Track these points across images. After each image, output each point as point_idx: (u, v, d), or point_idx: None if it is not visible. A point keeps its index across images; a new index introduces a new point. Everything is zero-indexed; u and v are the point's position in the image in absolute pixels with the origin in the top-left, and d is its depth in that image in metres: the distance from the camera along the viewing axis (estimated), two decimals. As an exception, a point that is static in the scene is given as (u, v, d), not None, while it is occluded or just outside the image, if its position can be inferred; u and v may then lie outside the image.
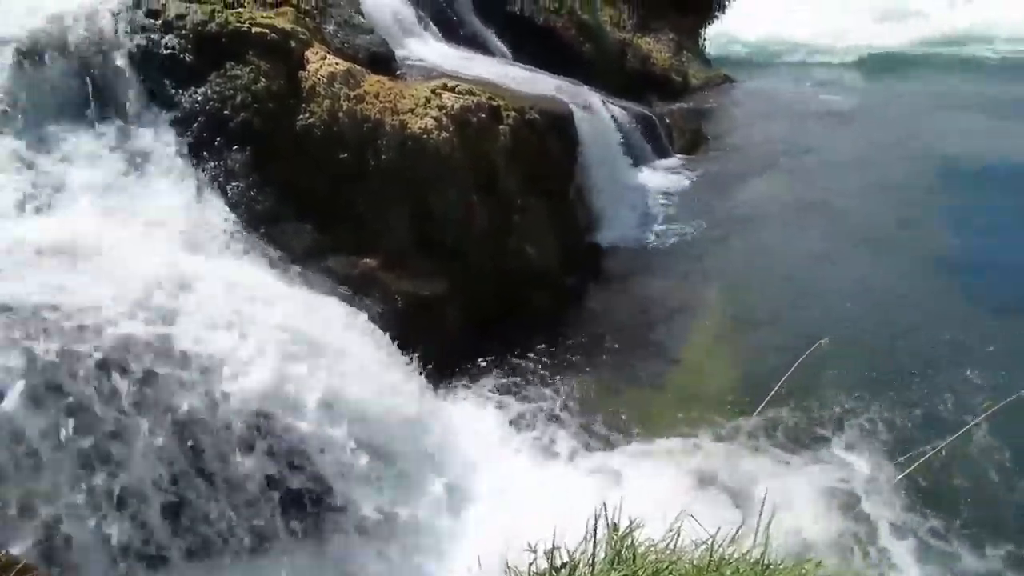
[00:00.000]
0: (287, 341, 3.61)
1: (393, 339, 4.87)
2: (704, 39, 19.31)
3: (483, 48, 10.21)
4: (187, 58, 5.08)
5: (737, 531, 1.75)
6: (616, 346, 5.96)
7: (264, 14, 5.66)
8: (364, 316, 4.69)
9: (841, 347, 5.40)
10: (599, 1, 14.49)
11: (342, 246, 5.40)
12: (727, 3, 19.13)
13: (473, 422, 5.07)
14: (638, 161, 9.63)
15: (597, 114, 8.79)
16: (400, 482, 3.78)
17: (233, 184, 5.03)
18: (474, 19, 10.80)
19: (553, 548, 1.66)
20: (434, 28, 9.19)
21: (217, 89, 5.13)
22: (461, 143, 6.30)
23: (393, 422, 3.99)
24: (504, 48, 10.99)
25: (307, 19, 6.10)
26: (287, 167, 5.30)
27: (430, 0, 9.75)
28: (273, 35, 5.49)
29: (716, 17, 19.63)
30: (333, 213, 5.44)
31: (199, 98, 5.07)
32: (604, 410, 5.16)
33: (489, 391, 5.41)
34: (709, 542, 1.72)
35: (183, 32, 5.12)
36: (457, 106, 6.38)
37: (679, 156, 10.77)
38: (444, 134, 6.15)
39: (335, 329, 4.12)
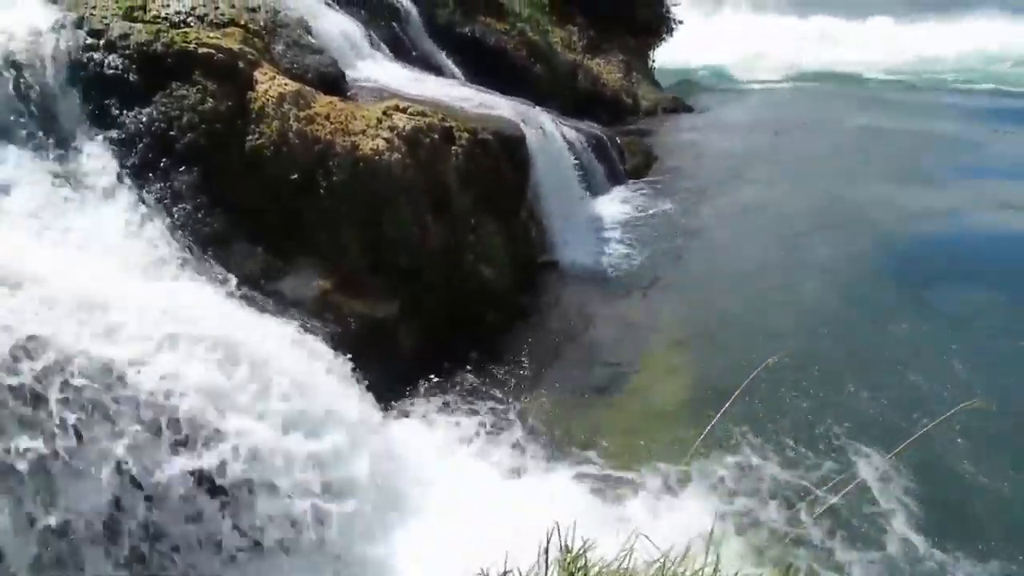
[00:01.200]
0: (225, 363, 3.53)
1: (346, 360, 4.81)
2: (653, 61, 19.71)
3: (435, 69, 10.24)
4: (131, 78, 4.99)
5: (688, 549, 1.76)
6: (569, 364, 5.98)
7: (211, 34, 5.60)
8: (314, 338, 4.60)
9: (791, 365, 5.47)
10: (549, 23, 14.65)
11: (294, 268, 5.34)
12: (675, 26, 19.59)
13: (424, 441, 5.02)
14: (590, 181, 9.71)
15: (549, 135, 8.86)
16: (345, 505, 3.72)
17: (179, 206, 4.94)
18: (426, 40, 10.84)
19: (505, 572, 1.65)
20: (385, 49, 9.18)
21: (163, 110, 5.05)
22: (413, 164, 6.29)
23: (339, 443, 3.91)
24: (456, 69, 11.04)
25: (256, 39, 6.06)
26: (236, 188, 5.23)
27: (381, 21, 9.77)
28: (220, 55, 5.42)
29: (664, 39, 20.06)
30: (284, 235, 5.38)
31: (144, 119, 4.98)
32: (557, 429, 5.16)
33: (441, 410, 5.37)
34: (661, 560, 1.72)
35: (127, 52, 5.03)
36: (409, 127, 6.38)
37: (631, 176, 10.92)
38: (396, 155, 6.13)
39: (281, 351, 4.04)
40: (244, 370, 3.52)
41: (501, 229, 7.13)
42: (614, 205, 9.59)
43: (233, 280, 4.91)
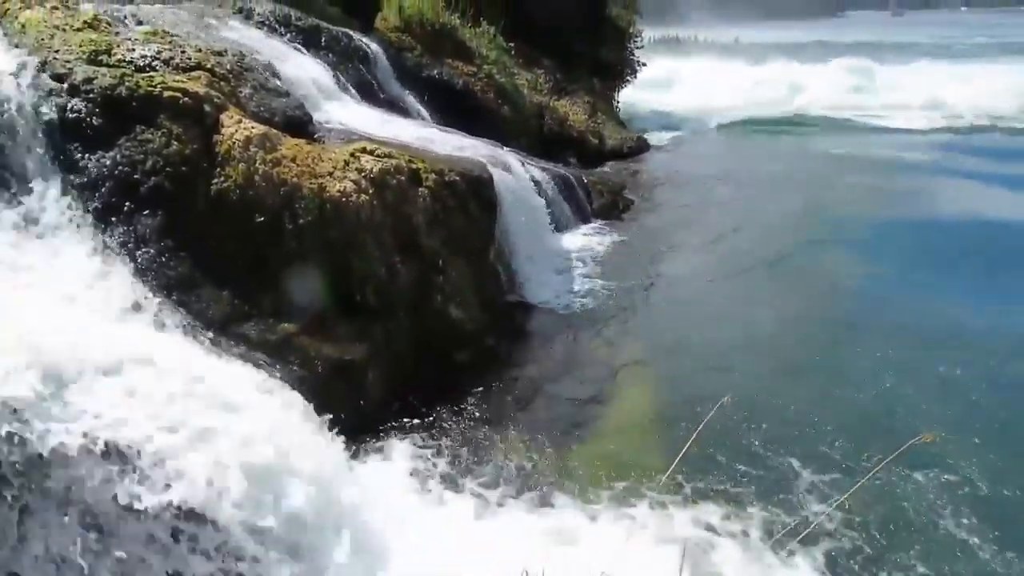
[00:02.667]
0: (190, 410, 3.46)
1: (313, 404, 4.75)
2: (618, 102, 20.08)
3: (403, 111, 10.33)
4: (94, 122, 4.96)
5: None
6: (537, 403, 5.96)
7: (177, 78, 5.60)
8: (278, 382, 4.54)
9: (749, 402, 5.59)
10: (516, 66, 14.88)
11: (260, 311, 5.28)
12: (639, 68, 20.02)
13: (394, 483, 4.95)
14: (558, 221, 9.81)
15: (516, 175, 8.94)
16: (307, 549, 3.64)
17: (143, 250, 4.88)
18: (394, 83, 10.94)
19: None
20: (353, 91, 9.25)
21: (127, 153, 5.01)
22: (381, 205, 6.30)
23: (303, 487, 3.83)
24: (424, 111, 11.14)
25: (222, 83, 6.06)
26: (201, 232, 5.19)
27: (350, 64, 9.86)
28: (186, 99, 5.42)
29: (629, 81, 20.49)
30: (250, 278, 5.33)
31: (107, 163, 4.94)
32: (527, 468, 5.12)
33: (412, 451, 5.30)
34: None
35: (91, 96, 5.01)
36: (376, 169, 6.40)
37: (598, 215, 11.03)
38: (363, 196, 6.14)
39: (246, 396, 3.98)
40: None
41: (469, 269, 7.15)
42: (581, 244, 9.64)
43: (201, 325, 4.86)
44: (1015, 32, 57.94)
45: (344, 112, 8.21)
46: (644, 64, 20.44)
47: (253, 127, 5.73)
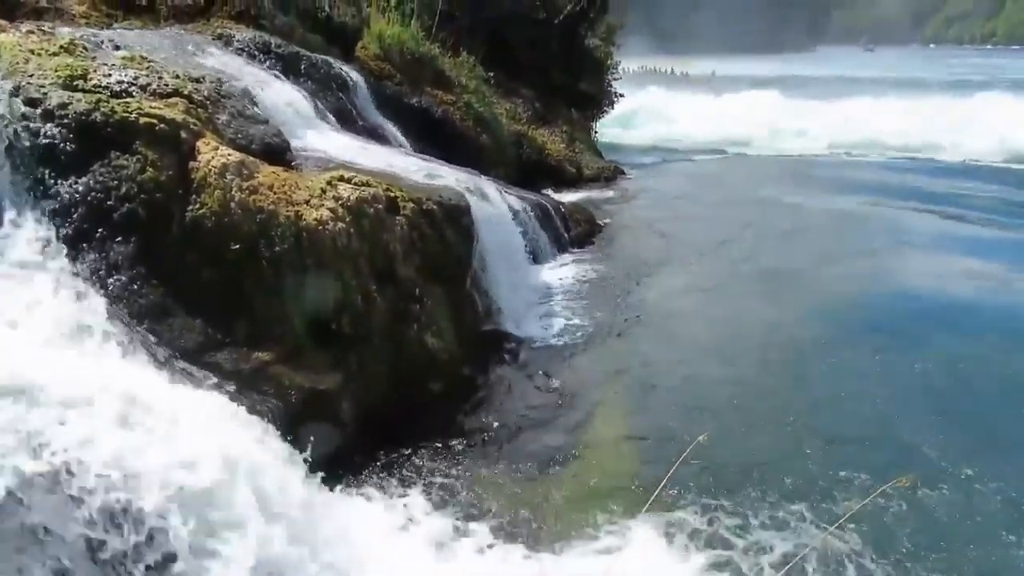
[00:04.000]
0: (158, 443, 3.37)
1: (286, 435, 4.66)
2: (596, 131, 20.30)
3: (382, 139, 10.32)
4: (68, 147, 4.88)
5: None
6: (512, 436, 5.89)
7: (154, 104, 5.54)
8: (247, 412, 4.45)
9: (728, 439, 5.56)
10: (495, 95, 14.97)
11: (234, 340, 5.19)
12: (616, 99, 20.28)
13: (367, 518, 4.85)
14: (536, 249, 9.82)
15: (494, 203, 8.95)
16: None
17: (115, 277, 4.79)
18: (373, 111, 10.94)
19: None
20: (332, 119, 9.23)
21: (100, 179, 4.93)
22: (358, 234, 6.25)
23: (273, 524, 3.74)
24: (403, 139, 11.13)
25: (199, 110, 6.01)
26: (175, 259, 5.11)
27: (329, 92, 9.85)
28: (163, 125, 5.36)
29: (607, 111, 20.75)
30: (224, 306, 5.25)
31: (80, 188, 4.85)
32: (501, 503, 5.04)
33: (385, 484, 5.22)
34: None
35: (65, 121, 4.93)
36: (353, 197, 6.36)
37: (575, 243, 11.08)
38: (340, 225, 6.09)
39: (215, 427, 3.89)
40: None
41: (446, 298, 7.10)
42: (559, 273, 9.65)
43: (173, 354, 4.76)
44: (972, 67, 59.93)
45: (323, 140, 8.17)
46: (622, 95, 20.72)
47: (230, 154, 5.68)
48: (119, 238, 4.89)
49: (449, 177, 8.72)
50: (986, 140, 22.72)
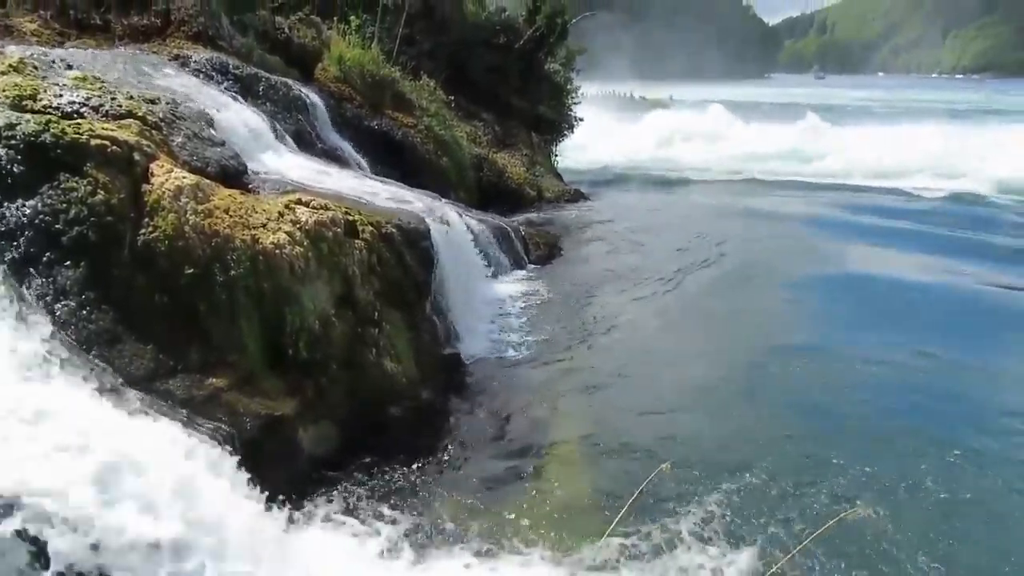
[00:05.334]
0: (107, 478, 3.26)
1: (241, 464, 4.56)
2: (556, 155, 20.47)
3: (341, 161, 10.28)
4: (15, 169, 4.75)
5: None
6: (472, 460, 5.85)
7: (106, 126, 5.43)
8: (203, 442, 4.34)
9: (684, 469, 5.48)
10: (456, 118, 15.01)
11: (187, 367, 5.07)
12: (575, 124, 20.49)
13: (326, 546, 4.75)
14: (496, 272, 9.84)
15: (454, 226, 8.94)
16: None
17: (63, 303, 4.65)
18: (333, 133, 10.91)
19: None
20: (290, 141, 9.17)
21: (49, 202, 4.80)
22: (315, 258, 6.19)
23: (233, 552, 3.64)
24: (363, 161, 11.12)
25: (153, 132, 5.91)
26: (126, 284, 4.98)
27: (288, 114, 9.79)
28: (115, 147, 5.25)
29: (566, 135, 20.95)
30: (177, 332, 5.12)
31: (27, 211, 4.71)
32: (460, 528, 4.98)
33: (344, 511, 5.12)
34: None
35: (12, 143, 4.80)
36: (311, 220, 6.30)
37: (536, 267, 11.12)
38: (298, 248, 6.02)
39: (168, 458, 3.78)
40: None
41: (405, 322, 7.06)
42: (519, 294, 9.66)
43: (123, 381, 4.63)
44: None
45: (281, 162, 8.10)
46: (581, 119, 20.94)
47: (184, 177, 5.59)
48: (68, 262, 4.76)
49: (409, 200, 8.71)
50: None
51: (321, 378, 5.94)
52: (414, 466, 5.73)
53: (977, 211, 18.70)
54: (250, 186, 6.79)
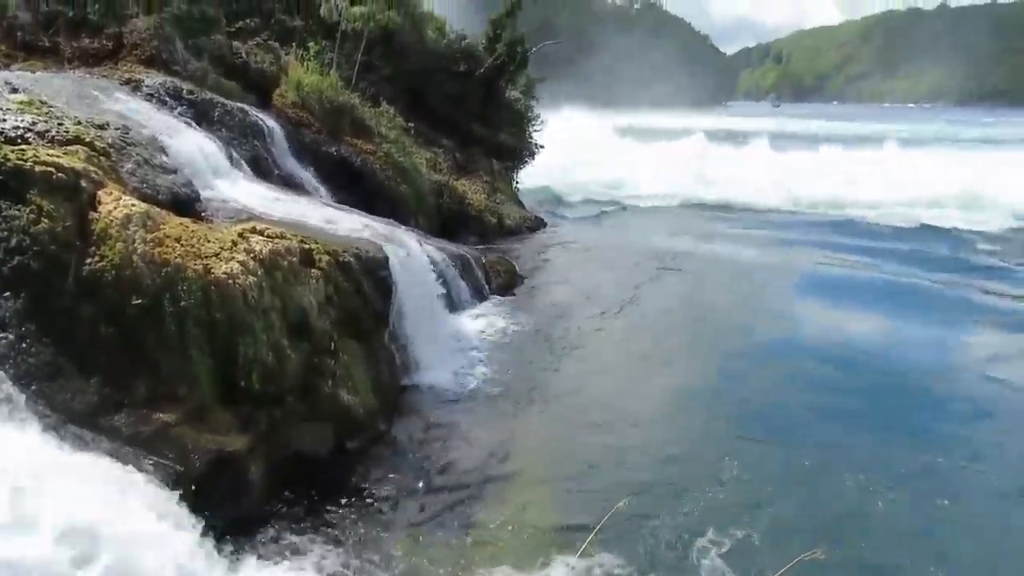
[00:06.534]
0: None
1: (187, 501, 4.43)
2: (517, 182, 20.54)
3: (299, 188, 10.20)
4: (-46, 197, 4.61)
5: None
6: (431, 496, 5.75)
7: (51, 152, 5.31)
8: (150, 480, 4.21)
9: (646, 505, 5.51)
10: (415, 145, 15.00)
11: (133, 401, 4.92)
12: (536, 151, 20.62)
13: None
14: (456, 302, 9.77)
15: (413, 255, 8.87)
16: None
17: (1, 336, 4.49)
18: (290, 159, 10.81)
19: None
20: (246, 168, 9.07)
21: (-12, 231, 4.66)
22: (270, 287, 6.08)
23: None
24: (321, 188, 11.04)
25: (102, 158, 5.80)
26: (70, 316, 4.84)
27: (244, 140, 9.68)
28: (60, 174, 5.12)
29: (527, 162, 21.05)
30: (124, 365, 4.98)
31: (-35, 241, 4.57)
32: (416, 568, 4.88)
33: (296, 551, 4.99)
34: None
35: (-49, 170, 4.66)
36: (266, 250, 6.21)
37: (497, 296, 11.08)
38: (252, 278, 5.91)
39: (109, 500, 3.65)
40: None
41: (362, 353, 6.97)
42: (479, 325, 9.63)
43: (65, 418, 4.47)
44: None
45: (236, 190, 8.00)
46: (542, 147, 21.09)
47: (134, 205, 5.47)
48: (7, 293, 4.61)
49: (368, 228, 8.65)
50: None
51: (275, 411, 5.82)
52: (367, 502, 5.63)
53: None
54: (203, 214, 6.68)
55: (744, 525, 5.49)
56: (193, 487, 4.71)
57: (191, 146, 7.83)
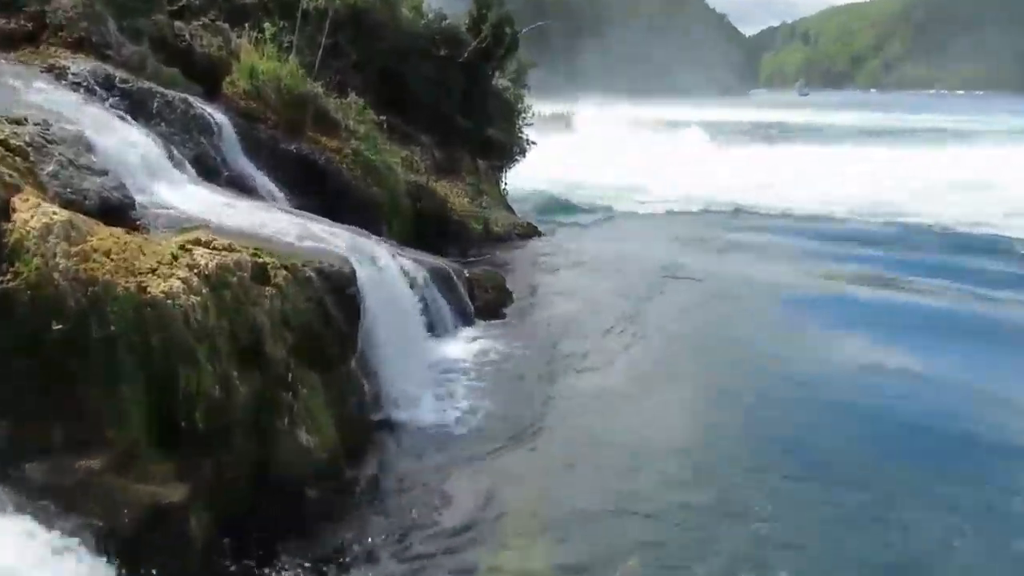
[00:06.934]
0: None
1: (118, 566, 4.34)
2: (505, 183, 20.56)
3: (252, 192, 10.15)
4: None
5: None
6: (402, 554, 5.66)
7: (-45, 185, 5.23)
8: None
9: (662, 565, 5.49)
10: (389, 141, 14.97)
11: (52, 446, 4.82)
12: (528, 147, 20.65)
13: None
14: (435, 323, 9.72)
15: (385, 269, 8.83)
16: None
17: None
18: (241, 158, 10.76)
19: None
20: (191, 169, 9.00)
21: None
22: (217, 308, 6.01)
23: None
24: (278, 192, 10.99)
25: (17, 158, 5.73)
26: (-25, 344, 4.75)
27: (188, 136, 9.62)
28: (-34, 178, 5.05)
29: (517, 160, 21.07)
30: (41, 402, 4.88)
31: None
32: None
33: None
34: None
35: None
36: (212, 264, 6.14)
37: (482, 315, 11.07)
38: (195, 298, 5.83)
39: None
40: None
41: (325, 384, 6.91)
42: (463, 350, 9.60)
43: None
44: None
45: (177, 194, 7.94)
46: (534, 143, 21.14)
47: (55, 213, 5.40)
48: (-99, 319, 4.52)
49: (332, 238, 8.59)
50: None
51: (221, 454, 5.74)
52: (336, 557, 5.55)
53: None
54: (139, 223, 6.61)
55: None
56: (123, 547, 4.61)
57: (125, 144, 7.76)
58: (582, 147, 31.86)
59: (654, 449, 7.48)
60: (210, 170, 9.64)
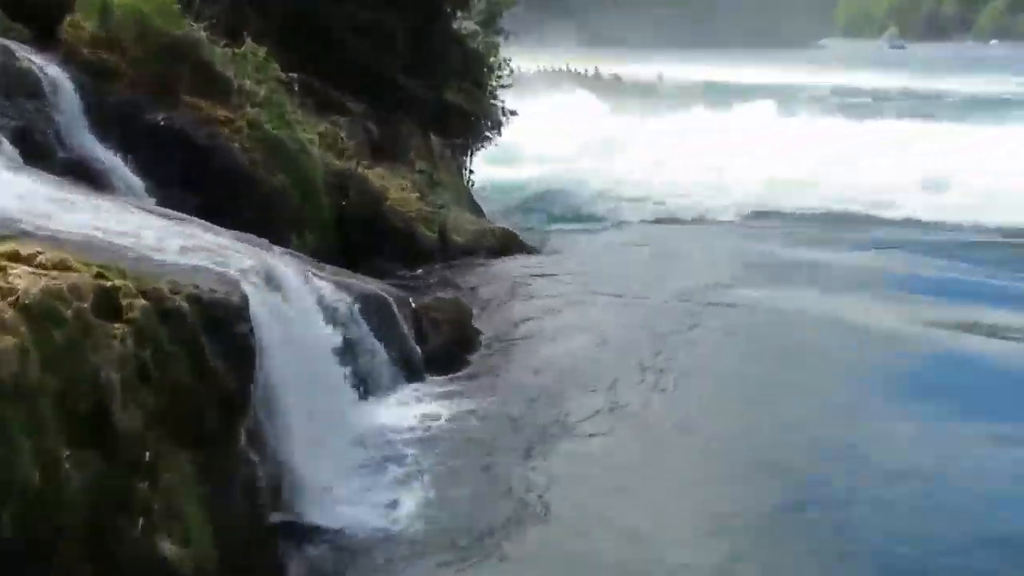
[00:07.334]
0: None
1: None
2: (471, 172, 20.58)
3: (99, 182, 10.19)
4: None
5: None
6: None
7: None
8: None
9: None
10: (301, 109, 14.95)
11: None
12: (503, 121, 20.66)
13: None
14: (366, 379, 9.71)
15: (294, 296, 8.81)
16: None
17: None
18: (85, 134, 10.84)
19: None
20: (9, 148, 9.00)
21: None
22: (41, 355, 5.95)
23: None
24: (138, 181, 11.06)
25: None
26: None
27: (4, 102, 9.62)
28: None
29: (488, 139, 21.06)
30: None
31: None
32: None
33: None
34: None
35: None
36: (35, 290, 6.09)
37: (435, 365, 11.13)
38: (9, 340, 5.77)
39: None
40: None
41: (201, 469, 6.88)
42: (406, 418, 9.64)
43: None
44: None
45: (-13, 186, 7.91)
46: (514, 113, 21.20)
47: None
48: None
49: (216, 249, 8.57)
50: None
51: (44, 567, 5.70)
52: None
53: None
54: (-75, 228, 6.57)
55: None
56: None
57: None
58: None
59: (677, 559, 7.60)
60: (39, 150, 9.73)
